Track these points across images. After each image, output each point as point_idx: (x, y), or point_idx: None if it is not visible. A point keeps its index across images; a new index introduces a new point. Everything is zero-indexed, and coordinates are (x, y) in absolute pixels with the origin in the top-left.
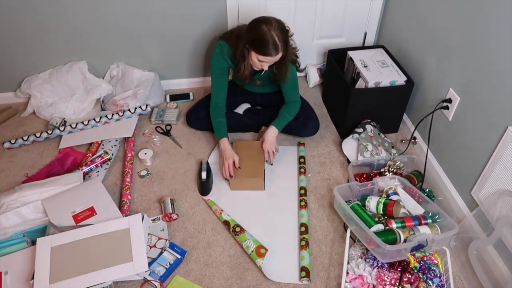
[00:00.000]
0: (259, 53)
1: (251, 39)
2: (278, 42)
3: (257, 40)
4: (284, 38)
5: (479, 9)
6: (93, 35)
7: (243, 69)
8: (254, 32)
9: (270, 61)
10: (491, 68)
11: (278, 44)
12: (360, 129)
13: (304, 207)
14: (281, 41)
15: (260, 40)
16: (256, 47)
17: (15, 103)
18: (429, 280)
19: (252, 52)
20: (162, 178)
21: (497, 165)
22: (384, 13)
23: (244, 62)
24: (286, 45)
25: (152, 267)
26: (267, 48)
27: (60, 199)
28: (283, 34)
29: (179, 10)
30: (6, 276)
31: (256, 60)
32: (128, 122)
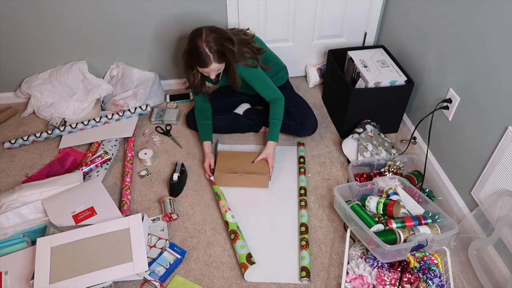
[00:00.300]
0: (196, 64)
1: (188, 52)
2: (209, 53)
3: (192, 53)
4: (218, 48)
5: (479, 9)
6: (93, 35)
7: (192, 79)
8: (189, 45)
9: (211, 71)
10: (491, 68)
11: (210, 55)
12: (360, 129)
13: (304, 207)
14: (213, 52)
15: (194, 53)
16: (192, 59)
17: (15, 103)
18: (429, 280)
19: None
20: (162, 178)
21: (497, 165)
22: (384, 13)
23: (193, 72)
24: (221, 55)
25: (152, 267)
26: (201, 59)
27: (60, 199)
28: (217, 44)
29: (179, 10)
30: (6, 276)
31: (202, 71)
32: (128, 122)
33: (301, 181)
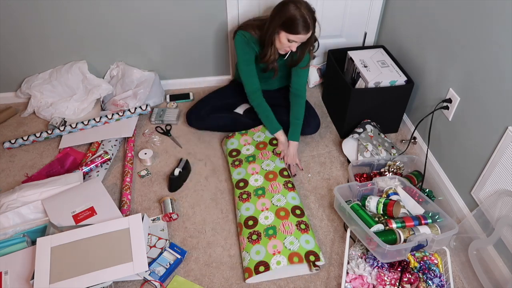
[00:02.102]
0: (291, 32)
1: (281, 20)
2: (308, 20)
3: (287, 20)
4: (313, 17)
5: (479, 9)
6: (93, 35)
7: (270, 53)
8: (284, 13)
9: (300, 41)
10: (491, 68)
11: (309, 22)
12: (360, 129)
13: (292, 189)
14: (311, 19)
15: (290, 20)
16: (287, 27)
17: (15, 103)
18: (429, 280)
19: (282, 33)
20: (162, 178)
21: (497, 165)
22: (384, 13)
23: (271, 46)
24: (314, 24)
25: (152, 267)
26: (299, 26)
27: (60, 199)
28: (312, 13)
29: (179, 10)
30: (6, 276)
31: (285, 41)
32: (128, 122)
33: (281, 162)
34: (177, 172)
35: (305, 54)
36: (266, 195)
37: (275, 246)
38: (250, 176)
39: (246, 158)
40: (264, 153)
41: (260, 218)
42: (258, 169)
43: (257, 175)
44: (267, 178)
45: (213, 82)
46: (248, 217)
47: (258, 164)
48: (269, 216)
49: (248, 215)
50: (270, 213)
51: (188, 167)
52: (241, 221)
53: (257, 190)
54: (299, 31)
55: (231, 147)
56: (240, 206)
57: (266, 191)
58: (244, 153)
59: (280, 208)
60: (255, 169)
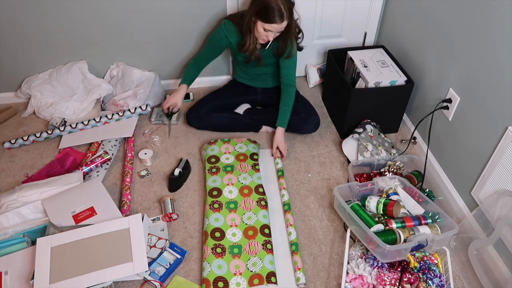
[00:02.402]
0: (265, 21)
1: (257, 9)
2: (283, 9)
3: (262, 9)
4: (289, 6)
5: (479, 9)
6: (93, 35)
7: (249, 43)
8: (260, 1)
9: (276, 30)
10: (491, 68)
11: (283, 12)
12: (360, 129)
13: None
14: (286, 8)
15: (265, 8)
16: (261, 15)
17: (15, 103)
18: (429, 280)
19: (258, 22)
20: (162, 178)
21: (497, 165)
22: (384, 13)
23: (250, 35)
24: (291, 13)
25: (152, 267)
26: (273, 15)
27: (60, 199)
28: (288, 2)
29: (179, 10)
30: (6, 276)
31: (261, 31)
32: (128, 122)
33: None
34: (177, 172)
35: (288, 43)
36: (237, 211)
37: (238, 267)
38: (225, 187)
39: (224, 167)
40: (243, 165)
41: (227, 233)
42: (234, 180)
43: (232, 187)
44: (242, 193)
45: (213, 82)
46: (216, 228)
47: (235, 175)
48: (236, 234)
49: (216, 226)
50: (239, 231)
51: (188, 167)
52: (208, 230)
53: (229, 203)
54: (273, 20)
55: (211, 153)
56: (210, 215)
57: (238, 207)
58: (223, 162)
59: (249, 227)
60: (231, 180)
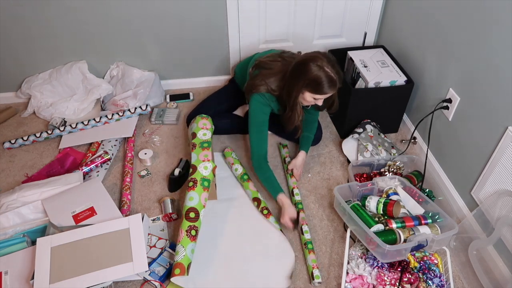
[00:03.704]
0: (317, 93)
1: (305, 82)
2: (334, 77)
3: (312, 82)
4: (337, 70)
5: (479, 9)
6: (93, 35)
7: (297, 116)
8: (306, 75)
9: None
10: (491, 68)
11: (335, 80)
12: (360, 129)
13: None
14: (336, 74)
15: (315, 81)
16: (312, 88)
17: (15, 103)
18: (429, 280)
19: (306, 93)
20: (162, 178)
21: (497, 165)
22: (384, 13)
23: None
24: (341, 77)
25: (152, 267)
26: (325, 87)
27: (60, 199)
28: (335, 67)
29: (179, 10)
30: (6, 276)
31: (311, 99)
32: (128, 122)
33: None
34: (177, 172)
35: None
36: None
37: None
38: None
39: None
40: None
41: (201, 213)
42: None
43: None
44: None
45: (213, 82)
46: (190, 208)
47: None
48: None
49: (191, 205)
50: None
51: (188, 167)
52: (183, 211)
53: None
54: (326, 91)
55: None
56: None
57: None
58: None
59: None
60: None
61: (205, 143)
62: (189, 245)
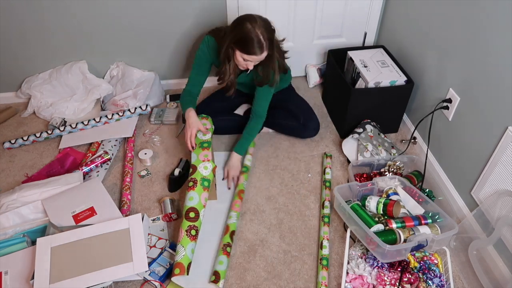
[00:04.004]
0: (244, 51)
1: (235, 38)
2: (263, 40)
3: (241, 39)
4: (269, 37)
5: (479, 9)
6: (93, 35)
7: (229, 72)
8: (238, 30)
9: (255, 60)
10: (491, 68)
11: (263, 43)
12: (360, 129)
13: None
14: (266, 39)
15: (244, 39)
16: (240, 45)
17: (15, 103)
18: (429, 280)
19: (236, 51)
20: (162, 178)
21: (497, 165)
22: (384, 13)
23: (229, 63)
24: (271, 44)
25: (152, 267)
26: (252, 46)
27: (60, 199)
28: (268, 33)
29: (179, 10)
30: (6, 276)
31: (241, 59)
32: (128, 122)
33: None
34: (177, 172)
35: (269, 74)
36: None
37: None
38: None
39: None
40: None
41: (201, 213)
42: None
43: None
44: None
45: (213, 82)
46: (190, 208)
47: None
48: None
49: (191, 205)
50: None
51: (188, 167)
52: (183, 211)
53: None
54: (252, 51)
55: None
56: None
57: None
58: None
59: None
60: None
61: (205, 143)
62: (189, 244)
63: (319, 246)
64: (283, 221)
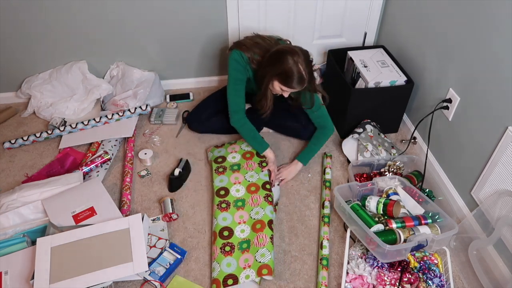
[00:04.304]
0: (284, 85)
1: (277, 71)
2: (304, 75)
3: (283, 73)
4: (310, 71)
5: (479, 9)
6: (93, 35)
7: (267, 104)
8: (280, 64)
9: (293, 91)
10: (491, 68)
11: (305, 78)
12: (360, 129)
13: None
14: (307, 74)
15: (286, 73)
16: (282, 79)
17: (15, 103)
18: (429, 280)
19: (275, 81)
20: (162, 178)
21: (497, 165)
22: (384, 13)
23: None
24: (311, 77)
25: (152, 267)
26: (294, 81)
27: (60, 199)
28: (309, 66)
29: (179, 10)
30: (6, 276)
31: (278, 89)
32: (128, 122)
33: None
34: (177, 172)
35: (303, 98)
36: (245, 208)
37: (247, 260)
38: (232, 186)
39: (231, 166)
40: (250, 163)
41: (236, 230)
42: (241, 179)
43: (239, 185)
44: (249, 190)
45: (213, 82)
46: (224, 227)
47: (242, 174)
48: (245, 230)
49: (224, 225)
50: (247, 227)
51: (188, 167)
52: (216, 230)
53: (237, 201)
54: (292, 86)
55: (218, 154)
56: (218, 215)
57: (246, 204)
58: (230, 161)
59: (257, 221)
60: (238, 178)
61: (235, 165)
62: (224, 260)
63: (319, 246)
64: (283, 221)
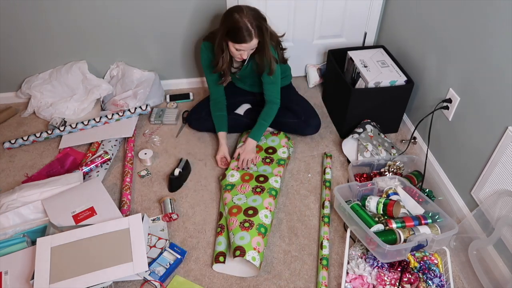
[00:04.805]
0: (234, 41)
1: (225, 30)
2: (250, 28)
3: (230, 29)
4: (258, 24)
5: (479, 9)
6: (93, 35)
7: (221, 62)
8: (227, 22)
9: (247, 48)
10: (491, 68)
11: (251, 30)
12: (360, 129)
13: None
14: (254, 26)
15: (233, 29)
16: (231, 36)
17: (15, 103)
18: (429, 280)
19: (229, 42)
20: (162, 178)
21: (497, 165)
22: (384, 13)
23: (222, 54)
24: (260, 31)
25: (152, 267)
26: (241, 35)
27: (60, 199)
28: (256, 20)
29: (179, 10)
30: (6, 276)
31: (234, 50)
32: (128, 122)
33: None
34: (177, 172)
35: (263, 60)
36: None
37: (259, 244)
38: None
39: None
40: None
41: (261, 212)
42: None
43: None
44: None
45: None
46: (251, 207)
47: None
48: (268, 216)
49: (253, 205)
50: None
51: (188, 167)
52: (243, 206)
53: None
54: (242, 39)
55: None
56: (249, 196)
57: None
58: None
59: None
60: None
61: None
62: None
63: (319, 246)
64: (283, 221)
